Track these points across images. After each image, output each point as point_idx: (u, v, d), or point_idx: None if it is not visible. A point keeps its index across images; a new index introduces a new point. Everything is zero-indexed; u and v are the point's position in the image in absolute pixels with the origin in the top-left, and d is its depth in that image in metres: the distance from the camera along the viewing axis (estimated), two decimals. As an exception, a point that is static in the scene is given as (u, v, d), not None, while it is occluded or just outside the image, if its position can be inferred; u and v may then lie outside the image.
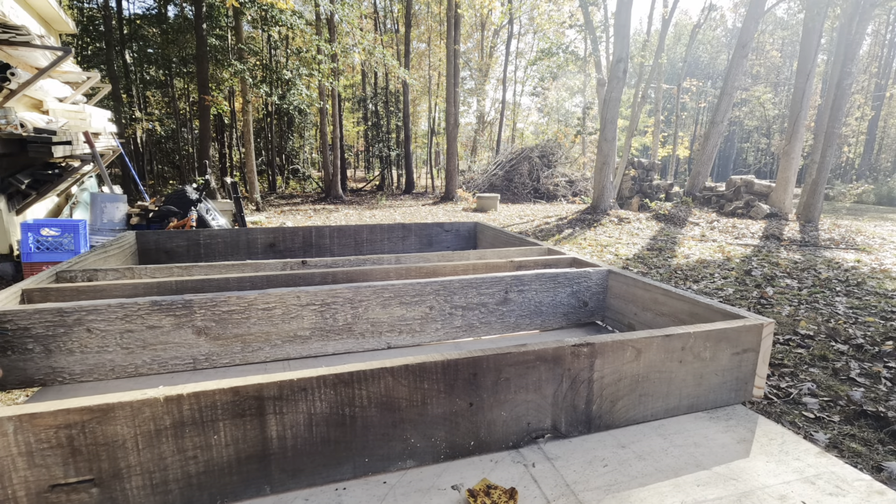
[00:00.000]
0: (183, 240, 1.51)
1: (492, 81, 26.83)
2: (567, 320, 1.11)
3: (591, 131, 18.08)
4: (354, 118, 26.15)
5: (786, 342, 3.34)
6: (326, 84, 13.38)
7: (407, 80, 15.64)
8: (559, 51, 14.61)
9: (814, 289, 4.76)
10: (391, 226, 1.71)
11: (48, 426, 0.46)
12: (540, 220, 10.27)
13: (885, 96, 28.35)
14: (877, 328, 3.60)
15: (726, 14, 39.73)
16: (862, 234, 8.31)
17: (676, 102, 23.32)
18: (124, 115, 17.66)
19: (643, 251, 6.89)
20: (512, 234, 1.59)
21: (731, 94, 11.86)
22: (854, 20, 9.10)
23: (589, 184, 15.79)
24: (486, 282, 1.01)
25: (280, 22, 11.29)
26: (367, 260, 1.19)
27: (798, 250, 7.01)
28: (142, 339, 0.82)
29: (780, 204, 10.49)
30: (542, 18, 20.40)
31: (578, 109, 25.28)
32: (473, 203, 13.53)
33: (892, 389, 2.64)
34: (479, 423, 0.62)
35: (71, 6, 18.13)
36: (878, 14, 23.76)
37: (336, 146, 15.59)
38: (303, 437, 0.55)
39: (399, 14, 22.26)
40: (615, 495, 0.55)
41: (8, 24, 3.94)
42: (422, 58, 25.11)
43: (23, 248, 3.96)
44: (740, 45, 11.42)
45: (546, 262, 1.22)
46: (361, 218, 11.28)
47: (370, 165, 27.04)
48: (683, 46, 34.19)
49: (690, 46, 19.08)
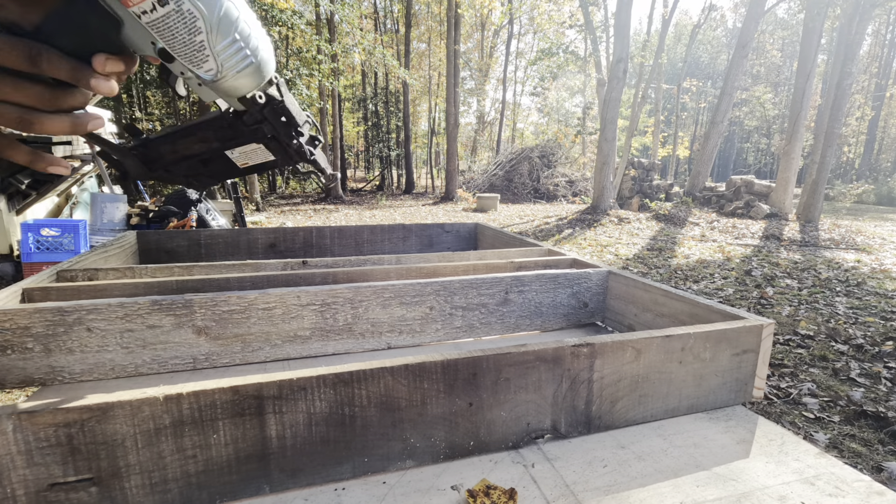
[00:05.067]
0: (183, 240, 1.51)
1: (492, 81, 26.85)
2: (567, 321, 1.11)
3: (591, 131, 18.09)
4: (354, 118, 26.16)
5: (786, 342, 3.34)
6: (326, 84, 13.39)
7: (407, 80, 15.65)
8: (559, 51, 14.62)
9: (814, 289, 4.76)
10: (392, 226, 1.71)
11: (47, 425, 0.46)
12: (540, 221, 10.27)
13: (885, 96, 28.37)
14: (877, 328, 3.60)
15: (726, 14, 39.77)
16: (862, 235, 8.31)
17: (676, 102, 23.34)
18: (124, 116, 17.67)
19: (643, 251, 6.90)
20: (512, 234, 1.59)
21: (731, 94, 11.87)
22: (854, 20, 9.11)
23: (589, 184, 15.79)
24: (487, 282, 1.01)
25: (280, 22, 11.29)
26: (367, 260, 1.19)
27: (798, 250, 7.01)
28: (142, 338, 0.82)
29: (780, 204, 10.49)
30: (542, 18, 20.42)
31: (578, 109, 25.29)
32: (473, 203, 13.53)
33: (892, 389, 2.64)
34: (479, 423, 0.62)
35: (71, 6, 18.13)
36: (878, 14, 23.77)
37: (336, 146, 15.59)
38: (302, 437, 0.55)
39: (399, 14, 22.27)
40: (615, 496, 0.55)
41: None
42: (422, 58, 25.12)
43: (23, 249, 3.96)
44: (740, 45, 11.42)
45: (546, 262, 1.22)
46: (361, 218, 11.29)
47: (370, 165, 27.05)
48: (683, 46, 34.20)
49: (690, 46, 19.09)
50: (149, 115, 20.95)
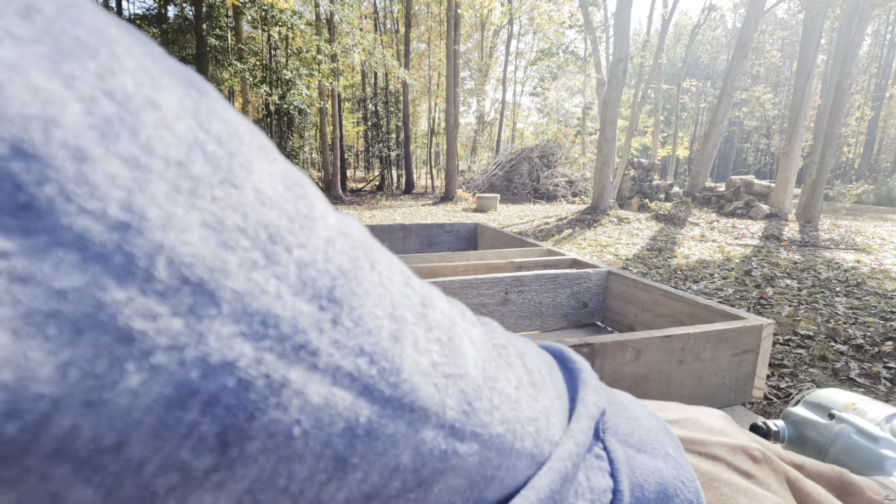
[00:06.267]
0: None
1: (492, 81, 26.85)
2: (567, 321, 1.11)
3: (591, 131, 18.09)
4: (354, 118, 26.16)
5: (785, 342, 3.35)
6: (326, 84, 13.39)
7: (407, 80, 15.66)
8: (559, 51, 14.62)
9: (813, 289, 4.77)
10: (391, 226, 1.71)
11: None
12: (540, 221, 10.27)
13: (885, 96, 28.37)
14: (876, 328, 3.60)
15: (726, 14, 39.79)
16: (862, 235, 8.32)
17: (676, 103, 23.35)
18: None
19: (643, 251, 6.90)
20: (512, 234, 1.59)
21: (730, 94, 11.87)
22: (854, 20, 9.11)
23: (589, 184, 15.80)
24: (486, 282, 1.01)
25: (280, 22, 11.30)
26: (366, 260, 1.19)
27: (798, 250, 7.02)
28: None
29: (779, 204, 10.49)
30: (542, 18, 20.43)
31: (578, 109, 25.31)
32: (473, 203, 13.53)
33: (891, 390, 2.65)
34: (479, 423, 0.62)
35: (71, 6, 18.14)
36: (878, 14, 23.78)
37: (336, 146, 15.60)
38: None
39: (399, 14, 22.28)
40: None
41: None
42: (422, 58, 25.13)
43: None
44: (740, 46, 11.43)
45: (546, 262, 1.22)
46: (361, 218, 11.29)
47: (370, 165, 27.06)
48: (683, 46, 34.23)
49: (690, 46, 19.11)
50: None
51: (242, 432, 0.11)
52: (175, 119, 0.11)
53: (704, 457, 0.25)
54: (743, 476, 0.25)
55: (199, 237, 0.11)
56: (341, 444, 0.12)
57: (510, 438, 0.17)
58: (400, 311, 0.15)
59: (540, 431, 0.18)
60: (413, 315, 0.15)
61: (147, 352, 0.10)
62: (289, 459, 0.12)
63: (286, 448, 0.12)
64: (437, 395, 0.15)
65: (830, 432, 0.39)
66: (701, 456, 0.25)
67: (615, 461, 0.20)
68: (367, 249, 0.15)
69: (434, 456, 0.14)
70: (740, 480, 0.25)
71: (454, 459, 0.15)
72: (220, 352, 0.11)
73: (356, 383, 0.13)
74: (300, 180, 0.14)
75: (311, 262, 0.12)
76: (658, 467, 0.21)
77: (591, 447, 0.20)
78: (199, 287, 0.10)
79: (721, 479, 0.24)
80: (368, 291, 0.14)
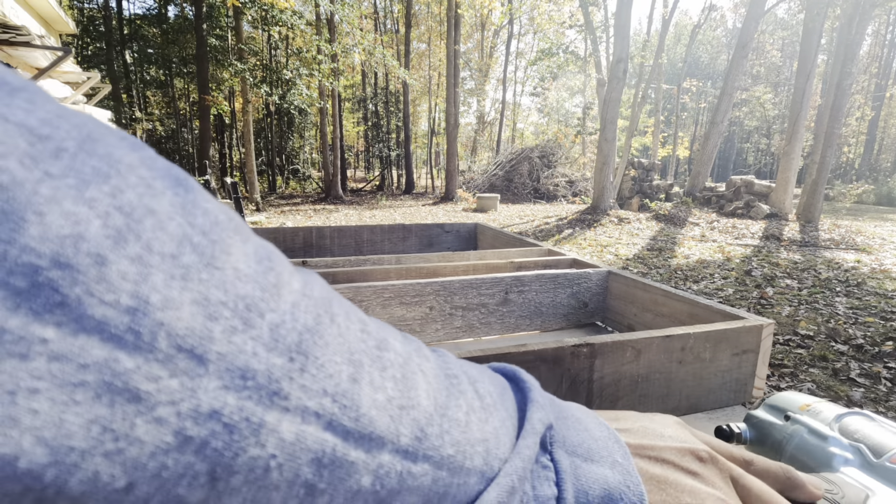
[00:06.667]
0: (183, 240, 1.50)
1: (492, 81, 26.85)
2: (567, 321, 1.11)
3: (591, 131, 18.09)
4: (354, 118, 26.17)
5: (786, 342, 3.35)
6: (326, 84, 13.39)
7: (407, 80, 15.65)
8: (559, 51, 14.62)
9: (814, 289, 4.77)
10: (392, 226, 1.71)
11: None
12: (540, 221, 10.27)
13: (885, 96, 28.36)
14: (877, 328, 3.60)
15: (726, 14, 39.80)
16: (862, 235, 8.31)
17: (676, 103, 23.34)
18: (124, 116, 17.68)
19: (643, 251, 6.90)
20: (512, 234, 1.59)
21: (731, 94, 11.87)
22: (854, 20, 9.11)
23: (589, 184, 15.79)
24: (487, 282, 1.01)
25: (280, 22, 11.30)
26: (367, 260, 1.19)
27: (798, 250, 7.01)
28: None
29: (780, 204, 10.49)
30: (542, 18, 20.42)
31: (578, 109, 25.31)
32: (473, 203, 13.53)
33: (892, 390, 2.64)
34: (479, 423, 0.62)
35: (71, 6, 18.14)
36: (878, 14, 23.78)
37: (336, 146, 15.59)
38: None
39: (399, 14, 22.28)
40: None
41: (8, 25, 3.94)
42: (422, 58, 25.12)
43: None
44: (740, 46, 11.42)
45: (546, 262, 1.22)
46: (361, 218, 11.29)
47: (370, 165, 27.06)
48: (683, 46, 34.22)
49: (690, 46, 19.09)
50: (149, 116, 20.96)
51: (228, 468, 0.13)
52: (168, 219, 0.14)
53: (654, 461, 0.27)
54: (689, 476, 0.26)
55: (189, 313, 0.13)
56: (310, 472, 0.15)
57: (460, 458, 0.19)
58: (357, 356, 0.17)
59: (490, 450, 0.20)
60: (369, 358, 0.18)
61: (151, 407, 0.12)
62: (267, 488, 0.14)
63: (264, 479, 0.14)
64: (392, 424, 0.17)
65: (786, 433, 0.41)
66: (650, 460, 0.27)
67: (561, 471, 0.22)
68: (328, 306, 0.17)
69: (391, 477, 0.17)
70: (686, 480, 0.26)
71: (409, 480, 0.17)
72: (209, 403, 0.13)
73: (321, 420, 0.15)
74: (269, 253, 0.17)
75: (281, 322, 0.15)
76: (604, 474, 0.23)
77: (537, 459, 0.22)
78: (190, 353, 0.13)
79: (668, 480, 0.26)
80: (329, 342, 0.16)
